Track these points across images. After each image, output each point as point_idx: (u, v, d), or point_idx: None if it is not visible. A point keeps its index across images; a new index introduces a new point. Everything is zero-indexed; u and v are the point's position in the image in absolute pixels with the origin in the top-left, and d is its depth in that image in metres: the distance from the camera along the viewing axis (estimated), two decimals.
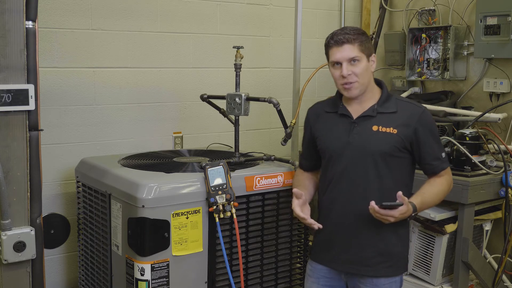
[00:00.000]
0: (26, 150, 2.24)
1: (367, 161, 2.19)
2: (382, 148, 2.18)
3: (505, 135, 3.32)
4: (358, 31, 2.21)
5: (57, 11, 3.02)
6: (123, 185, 2.40)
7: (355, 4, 4.26)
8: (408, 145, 2.20)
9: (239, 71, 2.79)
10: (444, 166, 2.27)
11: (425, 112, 2.24)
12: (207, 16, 3.54)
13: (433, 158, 2.24)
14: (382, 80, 2.37)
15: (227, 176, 2.43)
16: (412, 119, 2.20)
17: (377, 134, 2.19)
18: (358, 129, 2.23)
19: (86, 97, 3.14)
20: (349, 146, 2.22)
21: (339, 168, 2.24)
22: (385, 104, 2.24)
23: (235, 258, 2.49)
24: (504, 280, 3.14)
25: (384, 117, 2.22)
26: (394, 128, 2.18)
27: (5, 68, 2.15)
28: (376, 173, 2.19)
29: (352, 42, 2.16)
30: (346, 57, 2.17)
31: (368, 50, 2.20)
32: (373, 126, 2.20)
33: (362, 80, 2.20)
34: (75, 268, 3.15)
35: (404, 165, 2.24)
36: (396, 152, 2.19)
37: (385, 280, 2.24)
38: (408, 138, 2.19)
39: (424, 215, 2.89)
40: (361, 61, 2.18)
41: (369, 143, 2.19)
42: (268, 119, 3.82)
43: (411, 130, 2.19)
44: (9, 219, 2.20)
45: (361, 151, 2.20)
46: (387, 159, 2.18)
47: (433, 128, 2.25)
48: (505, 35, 3.21)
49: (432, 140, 2.23)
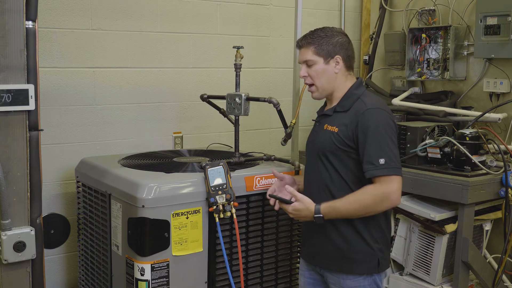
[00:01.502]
0: (26, 150, 2.24)
1: (316, 159, 2.28)
2: (325, 146, 2.24)
3: (505, 135, 3.32)
4: (321, 34, 2.25)
5: (57, 11, 3.02)
6: (123, 185, 2.40)
7: (355, 4, 4.26)
8: (350, 142, 2.17)
9: (239, 71, 2.79)
10: (376, 173, 2.08)
11: (369, 111, 2.14)
12: (207, 16, 3.54)
13: (365, 161, 2.11)
14: (359, 78, 2.34)
15: (227, 176, 2.43)
16: (354, 118, 2.17)
17: (324, 133, 2.27)
18: (317, 128, 2.35)
19: (86, 97, 3.14)
20: (309, 143, 2.38)
21: (305, 163, 2.41)
22: (342, 102, 2.27)
23: (235, 258, 2.49)
24: (504, 280, 3.14)
25: (337, 116, 2.26)
26: (336, 127, 2.22)
27: (5, 68, 2.15)
28: (324, 171, 2.25)
29: (306, 46, 2.26)
30: (302, 60, 2.29)
31: (327, 52, 2.23)
32: (325, 125, 2.28)
33: (318, 82, 2.26)
34: (75, 268, 3.15)
35: (354, 161, 2.18)
36: (337, 151, 2.20)
37: (352, 277, 2.21)
38: (347, 136, 2.17)
39: (424, 215, 2.89)
40: (316, 64, 2.24)
41: (317, 141, 2.30)
42: (268, 119, 3.82)
43: (350, 128, 2.17)
44: (9, 219, 2.20)
45: (313, 149, 2.32)
46: (329, 157, 2.23)
47: (373, 129, 2.11)
48: (505, 35, 3.21)
49: (369, 141, 2.10)
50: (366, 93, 2.28)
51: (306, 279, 2.42)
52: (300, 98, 3.07)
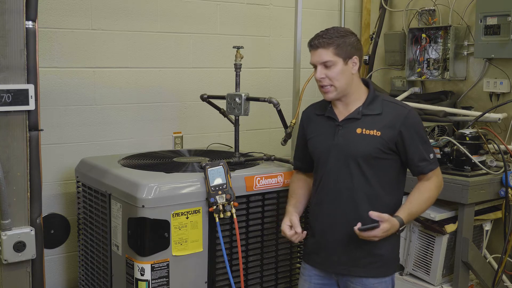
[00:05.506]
0: (26, 150, 2.24)
1: (351, 163, 2.20)
2: (365, 151, 2.18)
3: (505, 135, 3.32)
4: (337, 34, 2.19)
5: (57, 11, 3.02)
6: (123, 185, 2.40)
7: (355, 4, 4.26)
8: (393, 146, 2.19)
9: (239, 71, 2.79)
10: (432, 167, 2.24)
11: (411, 112, 2.22)
12: (207, 16, 3.54)
13: (419, 160, 2.21)
14: (370, 80, 2.37)
15: (227, 176, 2.43)
16: (397, 121, 2.19)
17: (361, 137, 2.19)
18: (343, 131, 2.23)
19: (86, 97, 3.14)
20: (334, 149, 2.23)
21: (326, 170, 2.26)
22: (370, 106, 2.24)
23: (235, 258, 2.49)
24: (504, 280, 3.15)
25: (368, 119, 2.21)
26: (378, 130, 2.18)
27: (5, 68, 2.15)
28: (361, 176, 2.19)
29: (325, 46, 2.18)
30: (320, 61, 2.20)
31: (346, 53, 2.18)
32: (357, 128, 2.21)
33: (338, 83, 2.19)
34: (75, 268, 3.15)
35: (391, 167, 2.22)
36: (380, 154, 2.18)
37: (375, 280, 2.24)
38: (392, 139, 2.18)
39: (424, 215, 2.89)
40: (336, 65, 2.18)
41: (353, 145, 2.20)
42: (268, 119, 3.82)
43: (395, 131, 2.18)
44: (9, 219, 2.20)
45: (345, 154, 2.21)
46: (371, 162, 2.18)
47: (418, 129, 2.22)
48: (505, 35, 3.21)
49: (418, 141, 2.20)
50: (383, 94, 2.32)
51: (314, 285, 2.35)
52: (300, 98, 3.08)
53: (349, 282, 2.27)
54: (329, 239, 2.27)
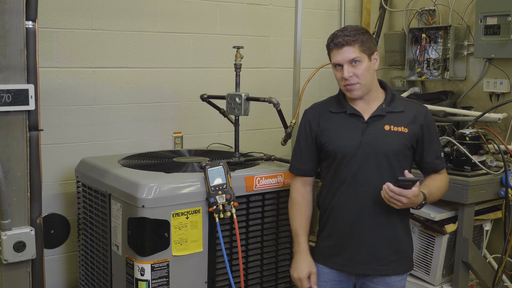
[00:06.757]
0: (26, 150, 2.24)
1: (382, 160, 2.18)
2: (395, 147, 2.19)
3: (505, 135, 3.32)
4: (358, 31, 2.18)
5: (57, 11, 3.02)
6: (123, 185, 2.40)
7: (355, 4, 4.26)
8: (414, 143, 2.24)
9: (239, 71, 2.79)
10: (444, 165, 2.34)
11: (428, 110, 2.30)
12: (207, 16, 3.54)
13: (435, 157, 2.28)
14: (383, 80, 2.37)
15: (227, 176, 2.43)
16: (419, 118, 2.24)
17: (390, 134, 2.20)
18: (371, 129, 2.21)
19: (86, 97, 3.14)
20: (362, 147, 2.18)
21: (353, 169, 2.19)
22: (392, 103, 2.26)
23: (235, 258, 2.49)
24: (504, 280, 3.14)
25: (393, 116, 2.23)
26: (405, 127, 2.21)
27: (5, 68, 2.15)
28: (390, 172, 2.17)
29: (351, 43, 2.14)
30: (346, 59, 2.15)
31: (369, 49, 2.18)
32: (385, 125, 2.21)
33: (364, 80, 2.19)
34: (75, 268, 3.15)
35: (409, 165, 2.27)
36: (406, 151, 2.22)
37: (396, 277, 2.25)
38: (416, 136, 2.23)
39: (424, 215, 2.89)
40: (362, 61, 2.16)
41: (383, 142, 2.19)
42: (268, 119, 3.82)
43: (418, 129, 2.23)
44: (9, 219, 2.20)
45: (376, 151, 2.18)
46: (400, 158, 2.21)
47: (435, 127, 2.31)
48: (505, 35, 3.21)
49: (435, 139, 2.29)
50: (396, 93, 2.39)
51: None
52: (300, 98, 3.08)
53: (369, 283, 2.25)
54: (353, 240, 2.22)
